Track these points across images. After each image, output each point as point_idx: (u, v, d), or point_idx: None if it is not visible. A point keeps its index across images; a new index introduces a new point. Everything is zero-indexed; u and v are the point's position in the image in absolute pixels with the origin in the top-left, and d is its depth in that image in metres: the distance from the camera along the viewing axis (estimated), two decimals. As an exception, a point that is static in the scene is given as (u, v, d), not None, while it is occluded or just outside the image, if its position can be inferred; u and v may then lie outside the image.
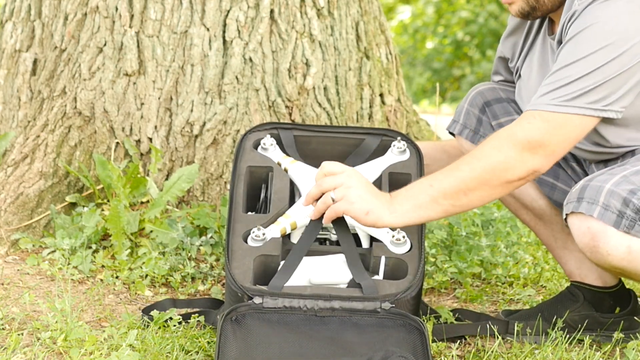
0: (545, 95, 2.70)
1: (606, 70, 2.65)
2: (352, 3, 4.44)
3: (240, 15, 4.13)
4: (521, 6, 2.94)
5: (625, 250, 2.62)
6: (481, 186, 2.70)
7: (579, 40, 2.70)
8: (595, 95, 2.66)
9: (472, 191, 2.71)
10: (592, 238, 2.65)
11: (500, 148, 2.68)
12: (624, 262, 2.64)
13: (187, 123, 4.06)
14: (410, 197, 2.73)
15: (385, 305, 2.79)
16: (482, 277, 3.89)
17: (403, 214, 2.73)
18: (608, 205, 2.61)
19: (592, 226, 2.64)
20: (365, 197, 2.72)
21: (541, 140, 2.67)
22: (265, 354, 2.64)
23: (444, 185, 2.71)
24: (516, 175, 2.69)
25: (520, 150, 2.67)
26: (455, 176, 2.71)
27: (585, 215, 2.65)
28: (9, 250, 3.74)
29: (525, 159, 2.67)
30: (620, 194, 2.60)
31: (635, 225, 2.60)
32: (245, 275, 2.91)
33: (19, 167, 3.98)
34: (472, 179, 2.69)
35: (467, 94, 3.35)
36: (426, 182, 2.74)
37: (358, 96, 4.40)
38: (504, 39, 3.31)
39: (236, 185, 3.20)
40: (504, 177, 2.69)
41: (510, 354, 2.97)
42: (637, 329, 3.20)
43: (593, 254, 2.67)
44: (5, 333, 2.93)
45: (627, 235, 2.61)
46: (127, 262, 3.61)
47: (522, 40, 3.21)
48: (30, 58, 4.34)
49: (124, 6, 4.11)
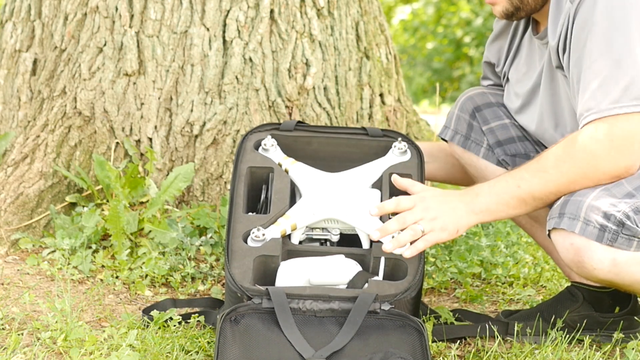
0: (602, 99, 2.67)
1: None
2: (352, 3, 4.45)
3: (240, 15, 4.14)
4: (505, 7, 2.95)
5: (610, 263, 2.63)
6: (572, 186, 2.70)
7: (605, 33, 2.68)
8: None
9: (562, 192, 2.71)
10: (576, 254, 2.66)
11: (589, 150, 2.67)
12: (610, 274, 2.65)
13: (187, 123, 4.07)
14: (495, 195, 2.73)
15: (384, 306, 2.79)
16: (482, 277, 3.89)
17: (490, 213, 2.74)
18: (589, 220, 2.61)
19: (575, 242, 2.65)
20: (451, 220, 2.71)
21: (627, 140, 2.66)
22: (264, 354, 2.65)
23: (533, 187, 2.71)
24: (608, 176, 2.68)
25: (612, 152, 2.66)
26: (544, 178, 2.71)
27: (567, 232, 2.66)
28: (9, 250, 3.75)
29: (618, 160, 2.66)
30: (601, 208, 2.61)
31: (618, 237, 2.60)
32: (244, 275, 2.91)
33: (19, 167, 3.98)
34: (565, 182, 2.69)
35: (457, 99, 3.37)
36: (512, 182, 2.73)
37: (358, 96, 4.40)
38: (489, 45, 3.33)
39: (237, 185, 3.21)
40: (597, 179, 2.68)
41: (510, 354, 2.97)
42: (637, 329, 3.20)
43: (579, 269, 2.69)
44: (5, 333, 2.94)
45: (611, 248, 2.62)
46: (127, 262, 3.62)
47: (507, 45, 3.23)
48: (30, 58, 4.35)
49: (124, 6, 4.12)
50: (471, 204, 2.73)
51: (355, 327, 2.72)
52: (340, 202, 3.14)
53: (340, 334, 2.70)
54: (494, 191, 2.73)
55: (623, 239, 2.60)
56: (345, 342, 2.67)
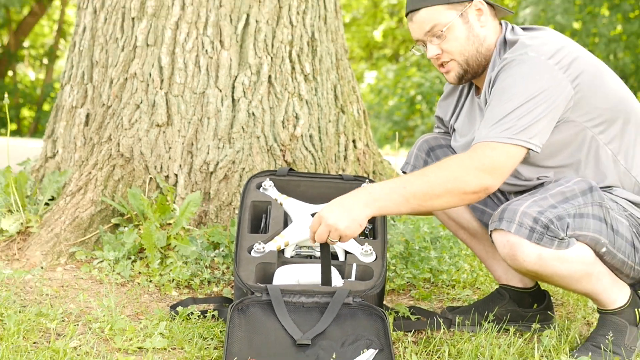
0: (493, 129, 2.69)
1: (531, 114, 2.66)
2: (331, 70, 4.45)
3: (245, 80, 4.15)
4: (457, 71, 2.95)
5: (536, 257, 2.64)
6: (445, 193, 2.67)
7: (508, 90, 2.72)
8: (527, 133, 2.66)
9: (437, 197, 2.67)
10: (510, 249, 2.66)
11: (462, 165, 2.67)
12: (536, 266, 2.66)
13: (204, 163, 4.06)
14: (384, 194, 2.67)
15: (356, 299, 2.82)
16: (431, 281, 3.87)
17: (379, 208, 2.68)
18: (522, 223, 2.62)
19: (510, 239, 2.65)
20: (348, 218, 2.67)
21: (492, 164, 2.66)
22: (263, 336, 2.66)
23: (415, 187, 2.67)
24: (472, 190, 2.67)
25: (477, 171, 2.65)
26: (424, 180, 2.67)
27: (505, 231, 2.66)
28: (67, 260, 3.72)
29: (481, 178, 2.65)
30: (531, 214, 2.62)
31: (543, 237, 2.61)
32: (249, 276, 2.95)
33: (75, 197, 3.97)
34: (438, 184, 2.66)
35: (416, 142, 3.34)
36: (400, 183, 2.68)
37: (336, 142, 4.40)
38: (439, 103, 3.30)
39: (243, 214, 3.24)
40: (463, 189, 2.66)
41: (452, 340, 2.98)
42: (550, 321, 3.23)
43: (512, 261, 2.69)
44: (64, 324, 2.94)
45: (538, 246, 2.63)
46: (158, 270, 3.60)
47: (454, 103, 3.21)
48: (83, 113, 4.34)
49: (155, 73, 4.13)
50: (365, 200, 2.68)
51: (333, 315, 2.74)
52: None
53: (321, 320, 2.72)
54: (384, 190, 2.69)
55: (547, 239, 2.62)
56: (325, 327, 2.69)
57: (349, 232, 2.66)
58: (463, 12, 2.89)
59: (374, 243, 3.13)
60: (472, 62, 2.93)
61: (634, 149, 2.86)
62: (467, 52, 2.91)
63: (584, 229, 2.69)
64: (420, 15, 2.91)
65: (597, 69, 2.81)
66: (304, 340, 2.62)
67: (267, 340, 2.64)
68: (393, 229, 4.21)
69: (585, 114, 2.77)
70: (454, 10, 2.89)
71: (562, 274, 2.70)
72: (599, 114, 2.78)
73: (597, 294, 2.84)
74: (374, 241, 3.14)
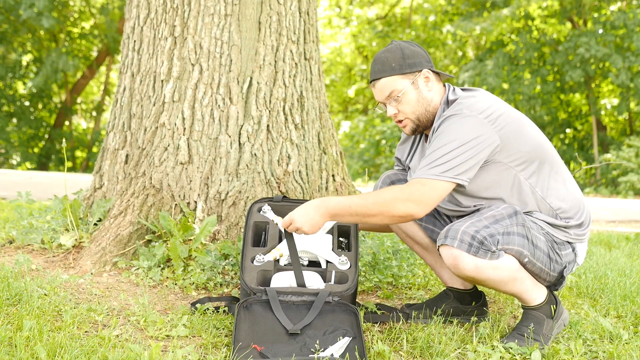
0: (425, 169, 2.69)
1: (462, 156, 2.67)
2: (316, 120, 4.45)
3: (249, 128, 4.15)
4: (411, 127, 2.96)
5: (474, 266, 2.65)
6: (378, 214, 2.66)
7: (444, 138, 2.72)
8: (455, 171, 2.66)
9: (373, 216, 2.67)
10: (454, 259, 2.67)
11: (395, 195, 2.65)
12: (473, 273, 2.67)
13: (217, 192, 4.05)
14: (337, 209, 2.68)
15: (335, 298, 2.82)
16: (393, 284, 3.86)
17: (333, 217, 2.69)
18: (463, 240, 2.63)
19: (453, 253, 2.66)
20: (310, 224, 2.69)
21: (420, 197, 2.65)
22: (262, 327, 2.66)
23: (357, 206, 2.67)
24: (399, 214, 2.66)
25: (406, 201, 2.65)
26: (364, 203, 2.67)
27: (449, 246, 2.67)
28: (111, 268, 3.71)
29: (408, 206, 2.65)
30: (470, 233, 2.63)
31: (479, 251, 2.63)
32: (252, 281, 2.94)
33: (117, 219, 3.96)
34: (374, 207, 2.65)
35: (381, 176, 3.32)
36: (349, 202, 2.68)
37: (319, 176, 4.39)
38: (398, 146, 3.29)
39: (247, 232, 3.23)
40: (392, 213, 2.66)
41: (410, 330, 2.98)
42: (485, 315, 3.23)
43: (455, 269, 2.70)
44: (109, 317, 2.94)
45: (475, 257, 2.64)
46: (181, 275, 3.60)
47: (409, 147, 3.20)
48: (124, 154, 4.34)
49: (179, 123, 4.12)
50: (323, 211, 2.69)
51: (317, 311, 2.74)
52: (308, 241, 3.16)
53: (308, 314, 2.72)
54: (337, 206, 2.68)
55: (482, 252, 2.63)
56: (311, 319, 2.69)
57: (310, 232, 2.71)
58: (414, 80, 2.89)
59: (349, 254, 3.14)
60: (422, 118, 2.93)
61: (549, 182, 2.88)
62: (418, 112, 2.92)
63: (510, 243, 2.71)
64: (381, 83, 2.92)
65: (520, 121, 2.83)
66: (295, 330, 2.63)
67: (266, 330, 2.64)
68: (363, 243, 4.20)
69: (510, 156, 2.78)
70: (407, 79, 2.89)
71: (494, 279, 2.71)
72: (520, 156, 2.80)
73: (521, 294, 2.85)
74: (348, 253, 3.15)
